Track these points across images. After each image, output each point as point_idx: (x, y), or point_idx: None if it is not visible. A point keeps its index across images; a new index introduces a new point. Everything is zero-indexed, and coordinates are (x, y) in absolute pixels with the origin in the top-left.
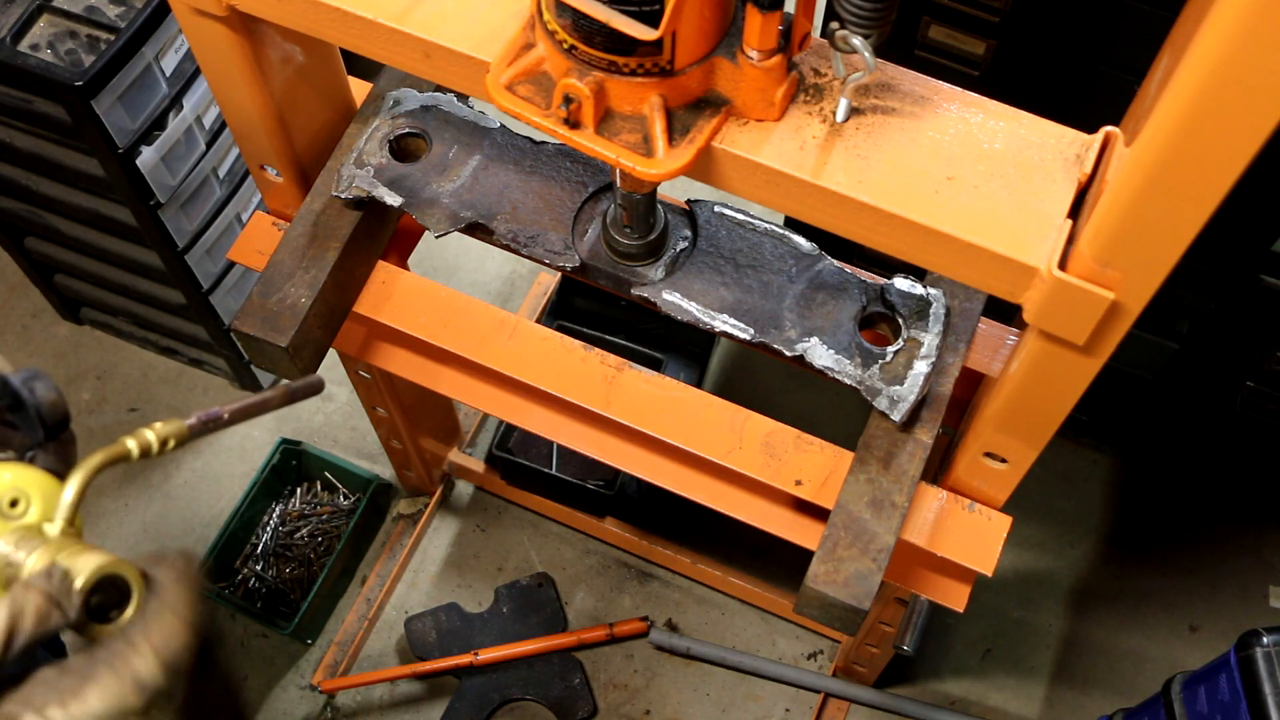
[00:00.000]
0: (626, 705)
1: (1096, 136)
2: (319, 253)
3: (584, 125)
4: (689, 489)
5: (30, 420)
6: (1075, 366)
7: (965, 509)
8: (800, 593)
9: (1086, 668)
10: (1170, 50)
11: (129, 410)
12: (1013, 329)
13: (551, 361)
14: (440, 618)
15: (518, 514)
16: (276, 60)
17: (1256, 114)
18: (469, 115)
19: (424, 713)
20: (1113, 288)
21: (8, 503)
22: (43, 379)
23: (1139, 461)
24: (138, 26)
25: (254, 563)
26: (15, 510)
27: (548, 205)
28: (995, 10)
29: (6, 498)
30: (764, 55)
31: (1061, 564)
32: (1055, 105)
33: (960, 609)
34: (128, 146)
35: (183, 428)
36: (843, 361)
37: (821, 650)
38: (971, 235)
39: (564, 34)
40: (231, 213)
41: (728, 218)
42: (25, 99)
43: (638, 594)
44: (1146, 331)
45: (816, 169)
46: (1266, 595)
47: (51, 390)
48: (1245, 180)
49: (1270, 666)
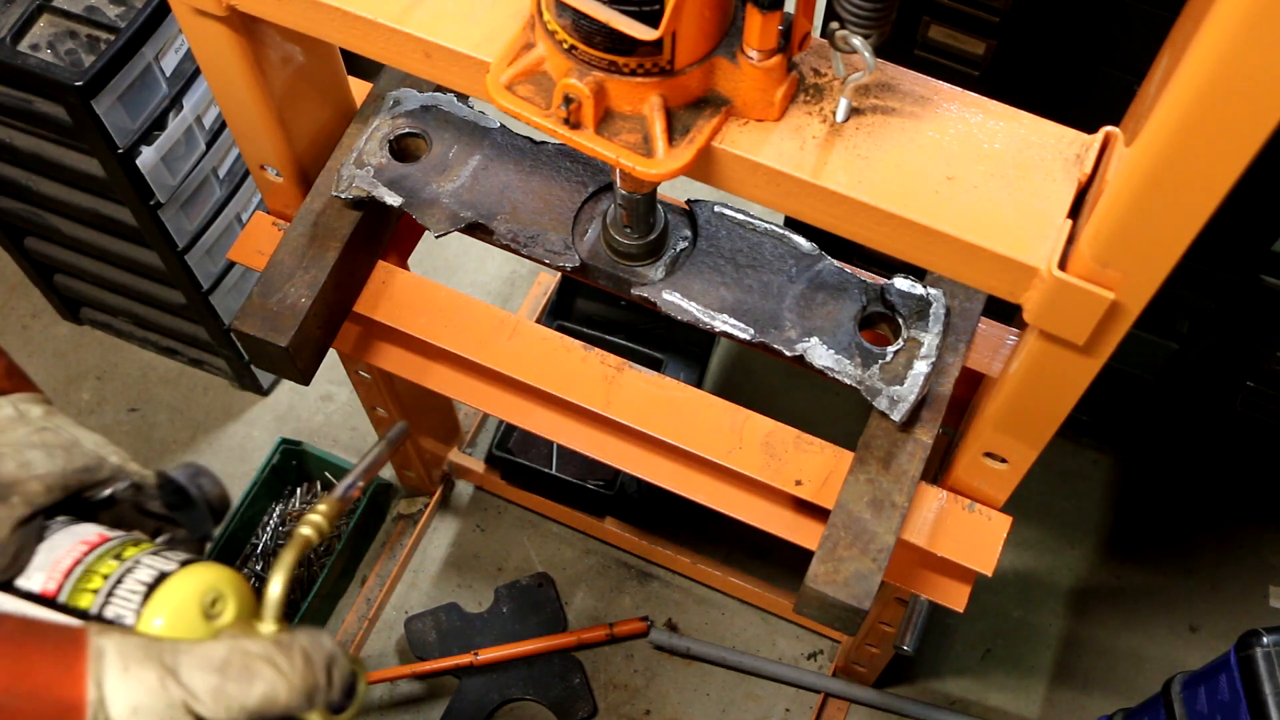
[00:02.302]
0: (626, 705)
1: (1096, 136)
2: (319, 253)
3: (584, 125)
4: (689, 489)
5: (201, 515)
6: (1075, 366)
7: (965, 509)
8: (800, 593)
9: (1086, 668)
10: (1170, 50)
11: (129, 410)
12: (1013, 329)
13: (551, 361)
14: (440, 618)
15: (518, 514)
16: (276, 60)
17: (1256, 114)
18: (469, 115)
19: (424, 713)
20: (1113, 288)
21: (210, 603)
22: (206, 474)
23: (1139, 461)
24: (138, 26)
25: (254, 563)
26: (215, 609)
27: (548, 205)
28: (995, 10)
29: (209, 598)
30: (764, 55)
31: (1061, 564)
32: (1055, 105)
33: (960, 609)
34: (128, 146)
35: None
36: (843, 361)
37: (821, 650)
38: (971, 235)
39: (564, 34)
40: (231, 213)
41: (728, 218)
42: (25, 99)
43: (638, 594)
44: (1146, 331)
45: (816, 169)
46: (1266, 595)
47: (217, 484)
48: (1245, 180)
49: (1270, 666)
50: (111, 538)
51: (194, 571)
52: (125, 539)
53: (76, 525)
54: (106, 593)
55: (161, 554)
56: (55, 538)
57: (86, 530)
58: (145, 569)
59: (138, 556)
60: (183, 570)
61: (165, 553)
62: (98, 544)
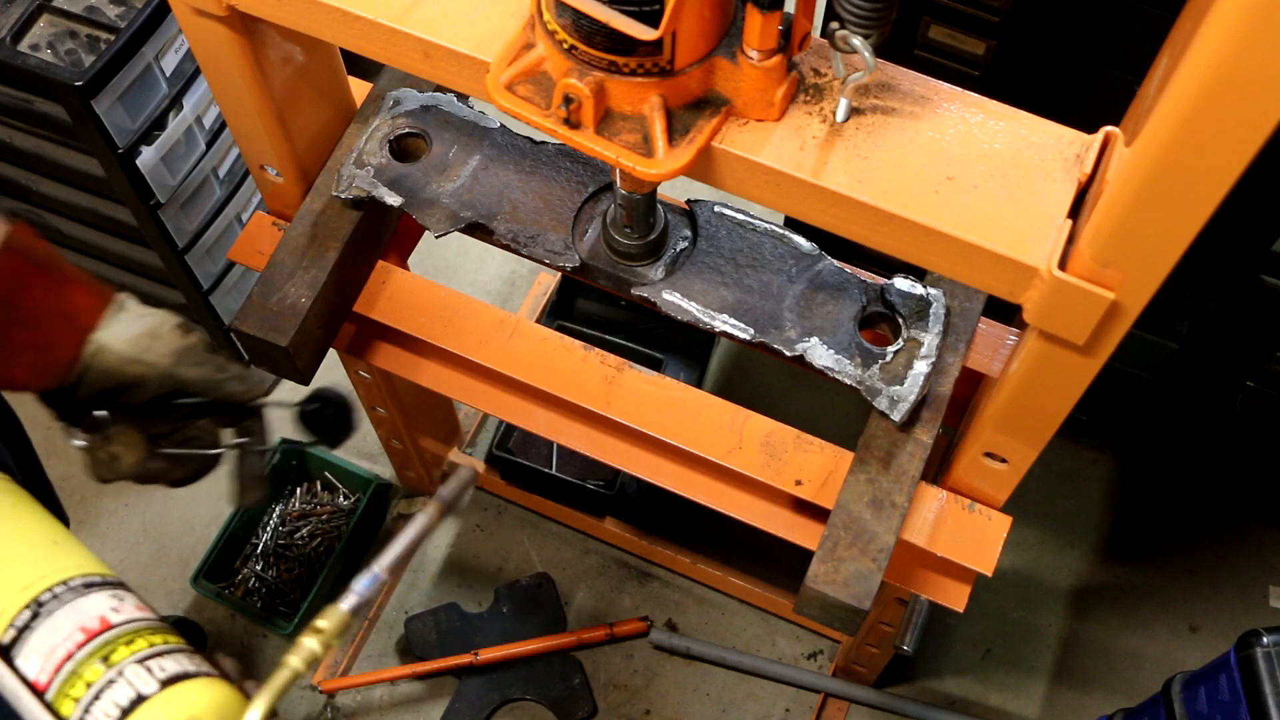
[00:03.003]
0: (626, 705)
1: (1096, 136)
2: (319, 253)
3: (584, 125)
4: (689, 489)
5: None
6: (1075, 366)
7: (965, 509)
8: (800, 593)
9: (1086, 668)
10: (1170, 50)
11: None
12: (1013, 329)
13: (551, 361)
14: (440, 618)
15: (518, 514)
16: (276, 60)
17: (1256, 114)
18: (469, 115)
19: (424, 713)
20: (1113, 288)
21: None
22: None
23: (1139, 461)
24: (138, 26)
25: (254, 563)
26: None
27: (548, 205)
28: (995, 10)
29: None
30: (764, 55)
31: (1061, 564)
32: (1055, 105)
33: (960, 609)
34: (128, 146)
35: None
36: (843, 361)
37: (821, 650)
38: (971, 235)
39: (564, 34)
40: (231, 213)
41: (728, 218)
42: (25, 99)
43: (638, 594)
44: (1146, 331)
45: (816, 169)
46: (1266, 595)
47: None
48: (1245, 180)
49: (1270, 666)
50: (114, 624)
51: (171, 697)
52: (124, 630)
53: (82, 599)
54: (84, 708)
55: (153, 659)
56: (58, 615)
57: (87, 613)
58: (124, 688)
59: (122, 665)
60: (160, 695)
61: (158, 659)
62: (95, 634)
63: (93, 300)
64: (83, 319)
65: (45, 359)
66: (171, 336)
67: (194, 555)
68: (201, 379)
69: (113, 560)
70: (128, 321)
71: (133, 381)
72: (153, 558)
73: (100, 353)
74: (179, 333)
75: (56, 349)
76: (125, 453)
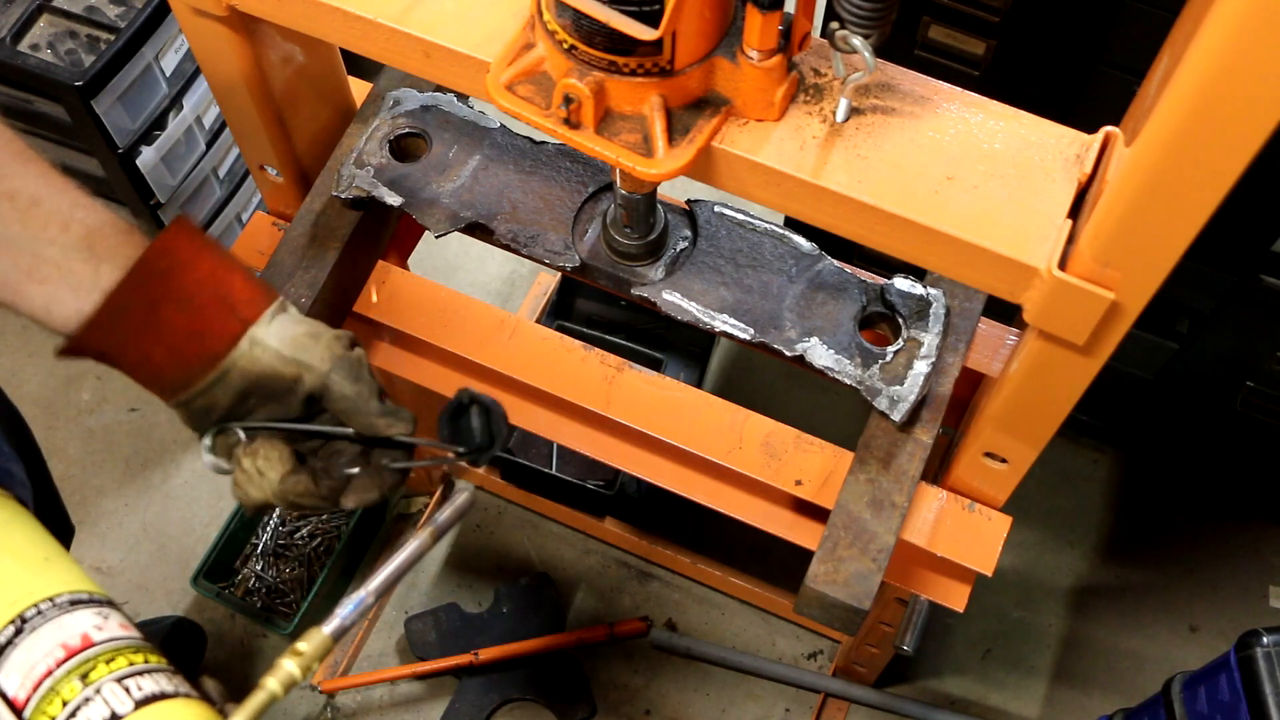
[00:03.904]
0: (626, 705)
1: (1096, 136)
2: (319, 253)
3: (584, 125)
4: (689, 489)
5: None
6: (1075, 366)
7: (965, 509)
8: (800, 593)
9: (1086, 668)
10: (1170, 50)
11: (129, 410)
12: (1013, 329)
13: (551, 361)
14: (440, 618)
15: (518, 514)
16: (276, 60)
17: (1257, 114)
18: (469, 115)
19: (424, 713)
20: (1113, 288)
21: None
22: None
23: (1139, 461)
24: (138, 26)
25: (254, 563)
26: None
27: (548, 205)
28: (995, 10)
29: None
30: (764, 55)
31: (1061, 564)
32: (1055, 105)
33: (960, 609)
34: (128, 146)
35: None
36: (843, 361)
37: (821, 650)
38: (971, 235)
39: (564, 34)
40: (231, 213)
41: (728, 218)
42: (25, 99)
43: (638, 594)
44: (1146, 331)
45: (816, 169)
46: (1266, 595)
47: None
48: (1245, 180)
49: (1270, 666)
50: (96, 643)
51: (146, 717)
52: (105, 648)
53: (67, 616)
54: None
55: (132, 678)
56: (41, 632)
57: (70, 630)
58: (100, 706)
59: (100, 684)
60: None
61: (136, 678)
62: (76, 651)
63: (256, 295)
64: (243, 310)
65: (192, 346)
66: (334, 343)
67: (194, 555)
68: (354, 396)
69: (113, 560)
70: (289, 322)
71: (288, 383)
72: (153, 558)
73: (256, 348)
74: (341, 342)
75: (209, 338)
76: (269, 468)
